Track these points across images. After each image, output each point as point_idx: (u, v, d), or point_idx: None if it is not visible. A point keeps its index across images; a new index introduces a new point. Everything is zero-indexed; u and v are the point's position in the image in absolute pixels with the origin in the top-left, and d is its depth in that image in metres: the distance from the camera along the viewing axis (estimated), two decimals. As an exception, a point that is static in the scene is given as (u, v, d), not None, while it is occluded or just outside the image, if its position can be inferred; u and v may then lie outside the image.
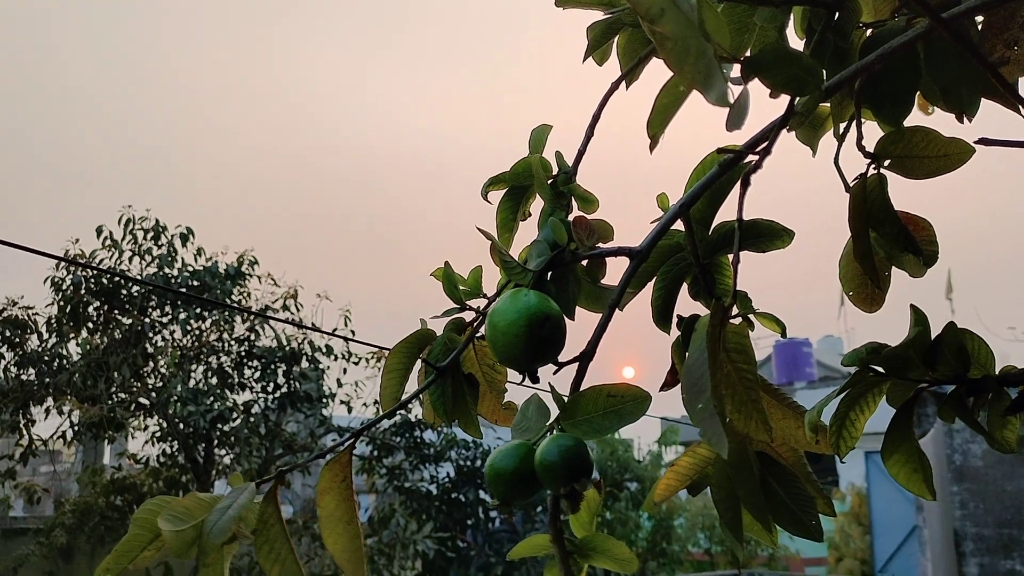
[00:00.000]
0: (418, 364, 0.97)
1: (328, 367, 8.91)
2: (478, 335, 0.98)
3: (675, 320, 0.99)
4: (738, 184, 0.86)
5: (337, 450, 0.85)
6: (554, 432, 0.86)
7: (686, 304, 1.00)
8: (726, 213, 0.95)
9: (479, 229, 0.90)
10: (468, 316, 0.98)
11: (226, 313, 8.28)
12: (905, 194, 0.96)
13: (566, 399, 0.86)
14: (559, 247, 0.93)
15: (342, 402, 9.06)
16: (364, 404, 9.11)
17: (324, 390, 8.84)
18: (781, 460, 0.94)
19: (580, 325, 0.93)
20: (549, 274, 0.93)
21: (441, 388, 0.94)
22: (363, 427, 0.90)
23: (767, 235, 0.94)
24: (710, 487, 0.95)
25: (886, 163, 0.94)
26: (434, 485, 9.91)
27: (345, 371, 9.02)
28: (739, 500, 0.91)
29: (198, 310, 8.26)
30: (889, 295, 1.01)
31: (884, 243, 0.96)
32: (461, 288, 0.98)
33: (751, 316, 0.92)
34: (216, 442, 8.18)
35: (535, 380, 0.86)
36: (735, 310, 0.89)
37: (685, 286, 1.00)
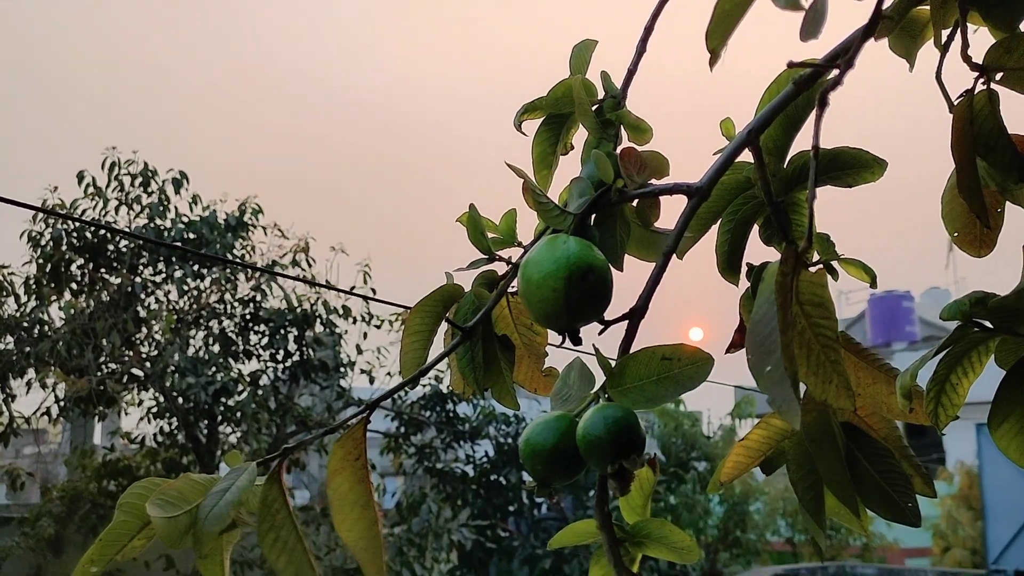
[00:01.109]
0: (444, 325, 0.98)
1: (346, 331, 9.02)
2: (512, 290, 0.99)
3: (744, 269, 0.99)
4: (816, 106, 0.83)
5: (350, 424, 0.86)
6: (600, 402, 0.86)
7: (758, 251, 1.00)
8: (804, 142, 0.94)
9: (509, 166, 0.90)
10: (501, 268, 0.99)
11: (228, 270, 8.40)
12: (1021, 114, 0.94)
13: (613, 363, 0.86)
14: (604, 185, 0.92)
15: (362, 371, 9.18)
16: (388, 374, 9.23)
17: (341, 358, 8.96)
18: (871, 432, 0.93)
19: (630, 277, 0.93)
20: (593, 217, 0.93)
21: (470, 352, 0.96)
22: (380, 397, 0.91)
23: (854, 166, 0.93)
24: (787, 465, 0.96)
25: (998, 77, 0.91)
26: (471, 466, 10.02)
27: (365, 336, 9.14)
28: (820, 479, 0.91)
29: (196, 267, 8.38)
30: (1005, 237, 1.01)
31: (995, 173, 0.94)
32: (490, 236, 0.99)
33: (834, 263, 0.92)
34: (220, 418, 8.35)
35: (577, 342, 0.87)
36: (814, 256, 0.87)
37: (756, 229, 0.99)
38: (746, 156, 0.91)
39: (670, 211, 0.95)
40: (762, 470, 0.99)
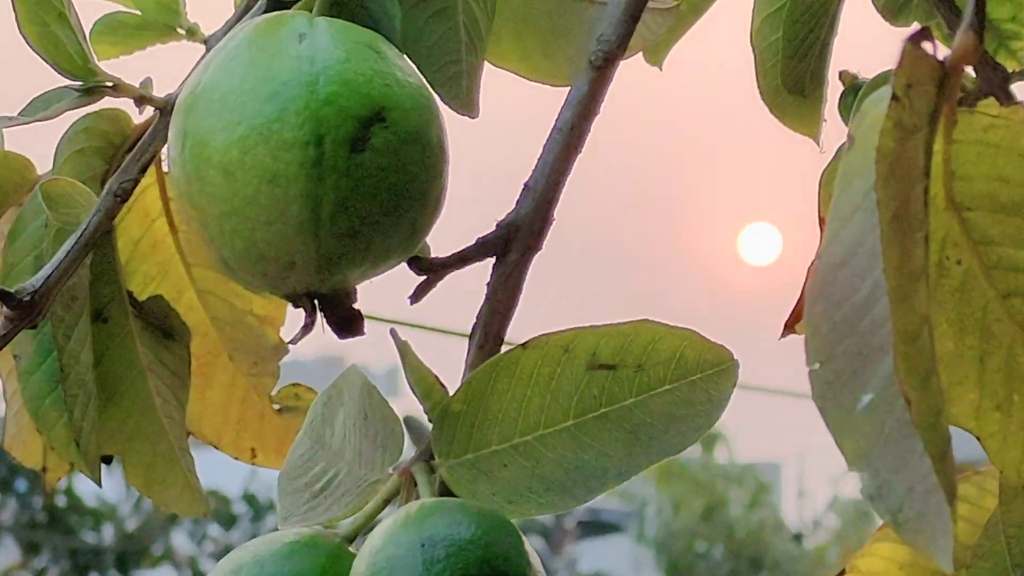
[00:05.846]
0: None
1: None
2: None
3: (838, 91, 1.10)
4: None
5: None
6: (415, 497, 0.82)
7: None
8: None
9: None
10: (141, 113, 0.99)
11: None
12: None
13: (456, 386, 0.82)
14: None
15: None
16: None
17: None
18: None
19: (502, 132, 0.85)
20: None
21: (57, 354, 0.92)
22: None
23: None
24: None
25: None
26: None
27: None
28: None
29: None
30: None
31: None
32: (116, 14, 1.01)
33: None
34: None
35: (348, 325, 0.83)
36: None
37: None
38: None
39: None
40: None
